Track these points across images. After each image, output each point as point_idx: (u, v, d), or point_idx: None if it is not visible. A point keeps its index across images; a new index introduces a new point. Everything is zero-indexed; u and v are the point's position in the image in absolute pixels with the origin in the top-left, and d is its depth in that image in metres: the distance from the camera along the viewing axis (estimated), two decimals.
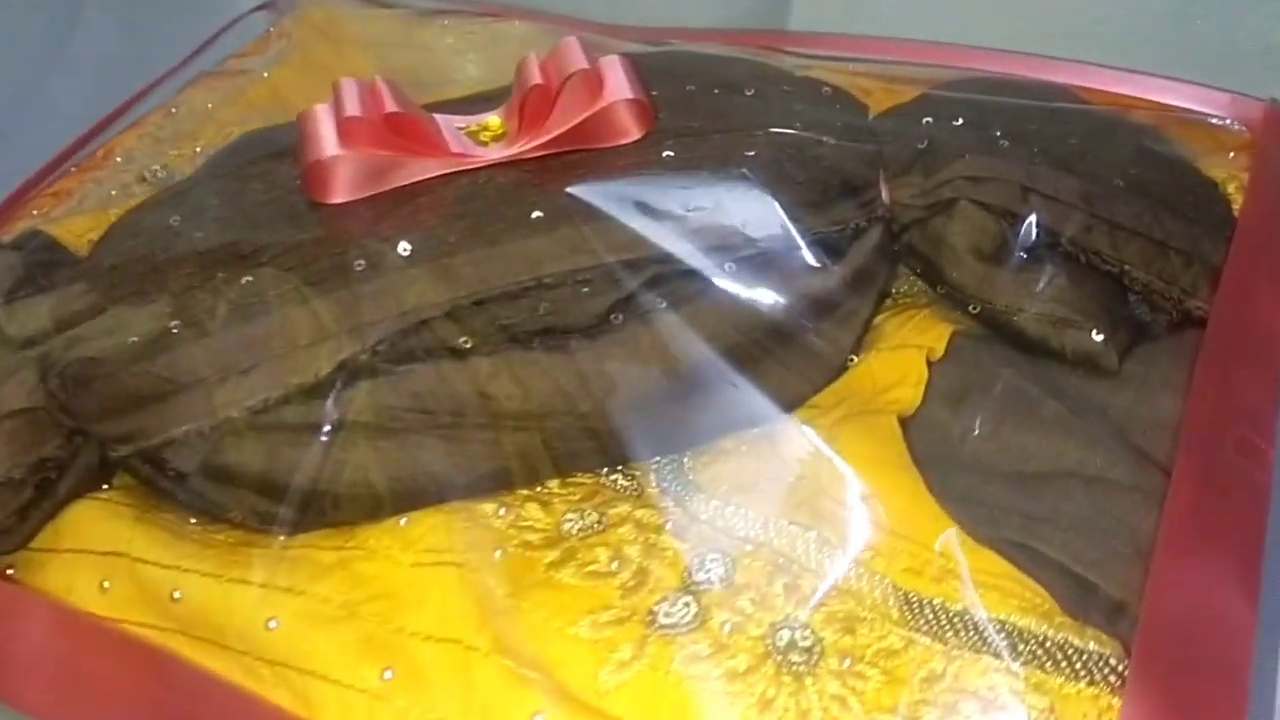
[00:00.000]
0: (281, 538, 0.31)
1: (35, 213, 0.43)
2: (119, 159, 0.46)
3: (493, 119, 0.35)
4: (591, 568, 0.28)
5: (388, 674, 0.27)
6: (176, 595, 0.30)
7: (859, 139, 0.36)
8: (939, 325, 0.35)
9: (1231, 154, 0.41)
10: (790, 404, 0.33)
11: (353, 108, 0.32)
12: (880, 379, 0.33)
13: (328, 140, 0.33)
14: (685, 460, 0.32)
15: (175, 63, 0.53)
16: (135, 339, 0.31)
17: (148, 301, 0.32)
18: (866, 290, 0.34)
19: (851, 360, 0.34)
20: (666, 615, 0.27)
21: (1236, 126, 0.42)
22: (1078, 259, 0.34)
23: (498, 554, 0.29)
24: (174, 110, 0.48)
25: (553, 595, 0.28)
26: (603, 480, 0.32)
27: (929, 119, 0.37)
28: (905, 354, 0.34)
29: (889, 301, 0.37)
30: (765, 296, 0.32)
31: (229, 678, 0.28)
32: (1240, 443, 0.31)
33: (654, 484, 0.32)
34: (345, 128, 0.32)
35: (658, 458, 0.32)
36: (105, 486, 0.34)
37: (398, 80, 0.36)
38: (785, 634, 0.26)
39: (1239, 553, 0.28)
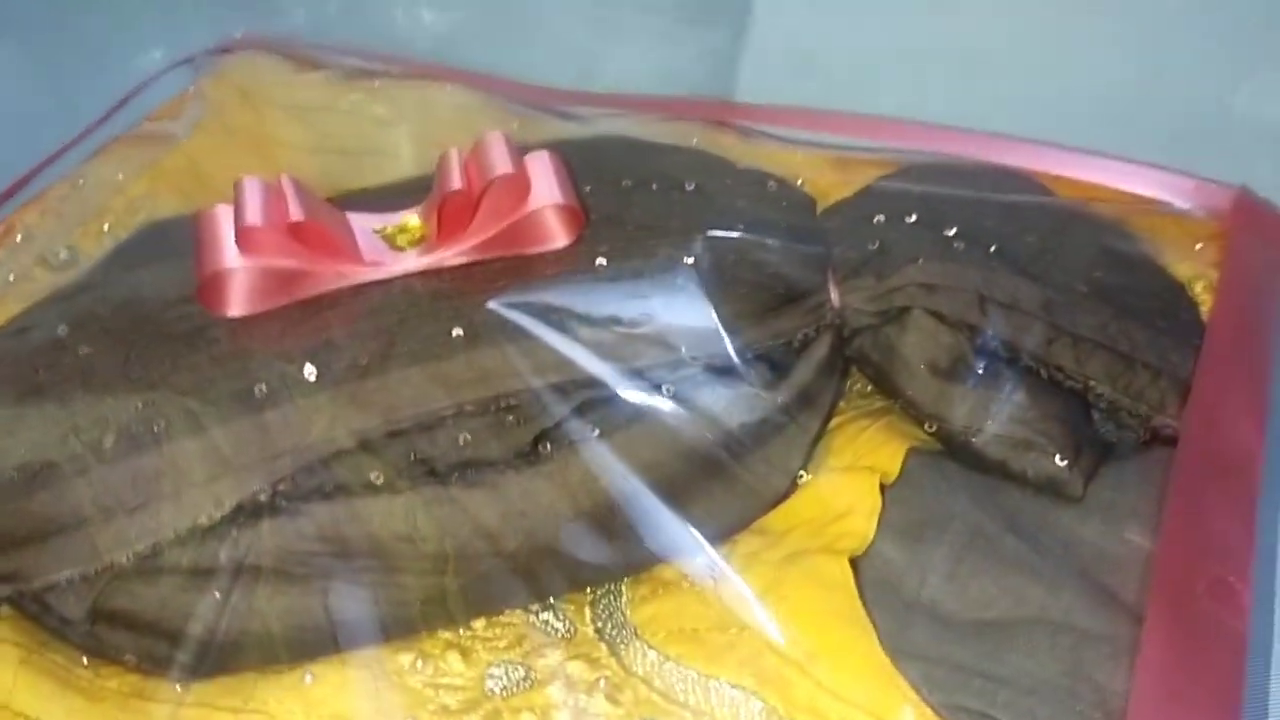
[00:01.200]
0: (178, 689, 0.28)
1: None
2: (19, 237, 0.43)
3: (411, 219, 0.32)
4: None
5: None
6: None
7: (806, 240, 0.34)
8: (893, 440, 0.33)
9: (1199, 245, 0.39)
10: (735, 530, 0.31)
11: (254, 214, 0.30)
12: (831, 505, 0.31)
13: (226, 249, 0.30)
14: (623, 593, 0.30)
15: (86, 123, 0.50)
16: (14, 472, 0.28)
17: (25, 432, 0.29)
18: (815, 406, 0.32)
19: (801, 477, 0.32)
20: None
21: (1202, 214, 0.40)
22: (1038, 374, 0.32)
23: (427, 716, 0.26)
24: (80, 182, 0.45)
25: None
26: (532, 620, 0.29)
27: (880, 217, 0.35)
28: (857, 478, 0.31)
29: (841, 403, 0.34)
30: (706, 421, 0.30)
31: None
32: (1214, 585, 0.29)
33: (588, 622, 0.29)
34: (245, 236, 0.29)
35: (590, 590, 0.30)
36: None
37: (308, 172, 0.33)
38: None
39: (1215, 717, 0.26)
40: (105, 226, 0.43)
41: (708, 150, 0.38)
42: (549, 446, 0.29)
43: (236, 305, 0.30)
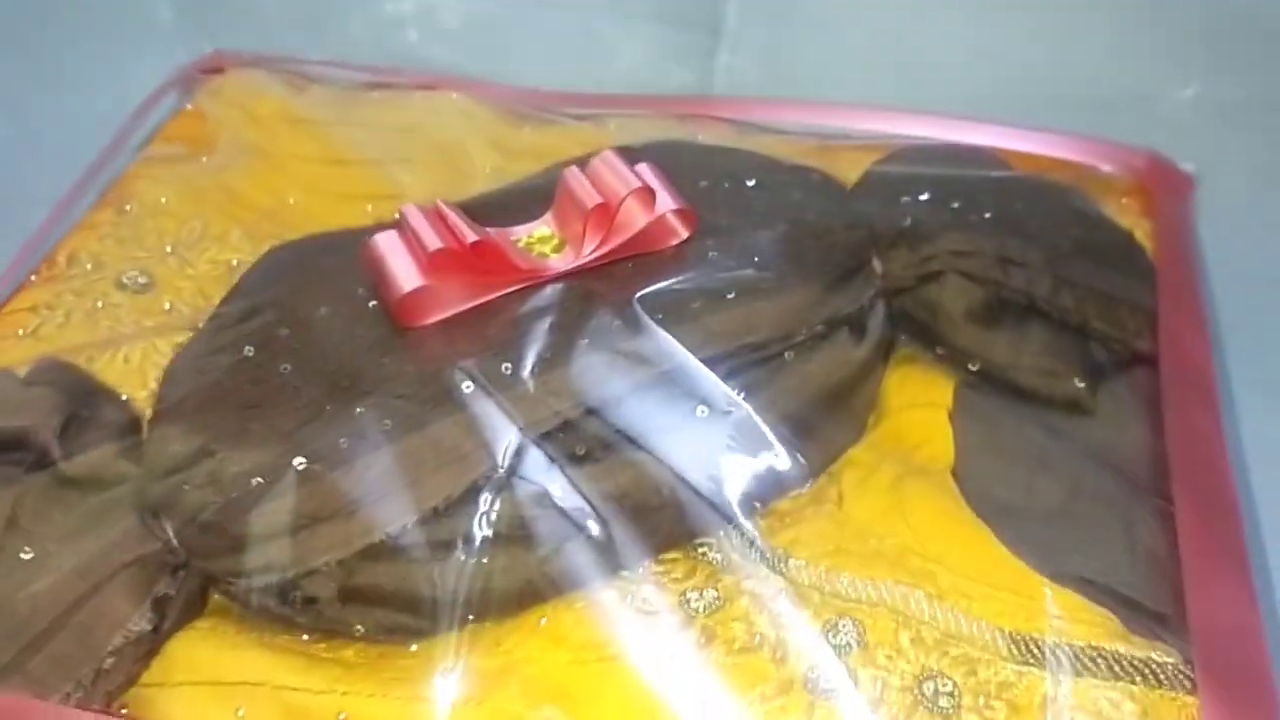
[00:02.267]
0: (413, 648, 0.33)
1: (20, 332, 0.42)
2: (89, 265, 0.45)
3: (543, 230, 0.38)
4: (738, 644, 0.32)
5: None
6: (341, 717, 0.31)
7: (855, 221, 0.41)
8: (938, 381, 0.40)
9: (1123, 200, 0.48)
10: (833, 461, 0.38)
11: (431, 238, 0.34)
12: (907, 436, 0.38)
13: (407, 272, 0.34)
14: (753, 529, 0.36)
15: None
16: (259, 479, 0.32)
17: (259, 442, 0.33)
18: (882, 357, 0.40)
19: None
20: (825, 681, 0.31)
21: (1121, 174, 0.49)
22: (1050, 316, 0.40)
23: (648, 641, 0.32)
24: (128, 208, 0.47)
25: (715, 675, 0.31)
26: (693, 555, 0.35)
27: (905, 198, 0.42)
28: (927, 412, 0.39)
29: None
30: (822, 373, 0.37)
31: None
32: (1207, 464, 0.38)
33: (737, 554, 0.35)
34: (433, 261, 0.34)
35: (723, 530, 0.36)
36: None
37: (334, 182, 0.38)
38: (930, 685, 0.31)
39: (1239, 562, 0.34)
40: (168, 249, 0.46)
41: (744, 149, 0.45)
42: (705, 410, 0.35)
43: (424, 319, 0.35)
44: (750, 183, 0.41)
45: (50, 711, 0.31)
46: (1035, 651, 0.32)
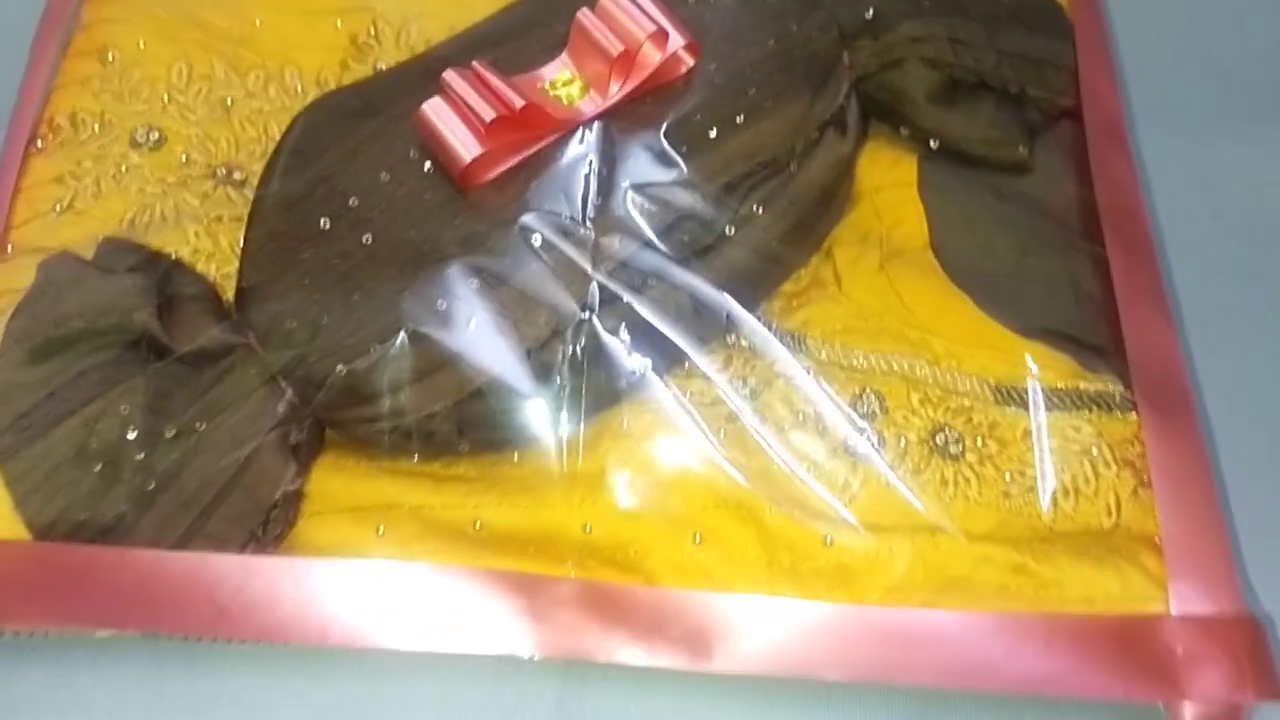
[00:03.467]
0: (534, 461, 0.40)
1: (57, 207, 0.44)
2: (95, 126, 0.46)
3: (564, 74, 0.41)
4: (788, 422, 0.40)
5: (697, 537, 0.38)
6: (477, 526, 0.39)
7: (826, 22, 0.45)
8: (903, 159, 0.47)
9: None
10: (822, 242, 0.44)
11: (481, 106, 0.38)
12: (884, 217, 0.45)
13: (466, 141, 0.38)
14: (768, 315, 0.43)
15: None
16: (375, 345, 0.37)
17: (366, 311, 0.38)
18: (861, 141, 0.46)
19: None
20: (861, 445, 0.39)
21: None
22: (993, 88, 0.46)
23: (721, 433, 0.39)
24: (111, 58, 0.48)
25: (776, 452, 0.39)
26: (729, 346, 0.42)
27: None
28: (897, 191, 0.46)
29: None
30: (820, 174, 0.43)
31: (566, 574, 0.38)
32: (1128, 214, 0.46)
33: (761, 339, 0.42)
34: (489, 130, 0.38)
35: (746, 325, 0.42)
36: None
37: None
38: (940, 435, 0.40)
39: (1158, 293, 0.43)
40: (165, 98, 0.47)
41: None
42: (758, 208, 0.41)
43: (483, 178, 0.39)
44: None
45: (234, 561, 0.37)
46: (1016, 395, 0.40)
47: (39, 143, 0.46)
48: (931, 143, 0.46)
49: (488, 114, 0.38)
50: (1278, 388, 0.45)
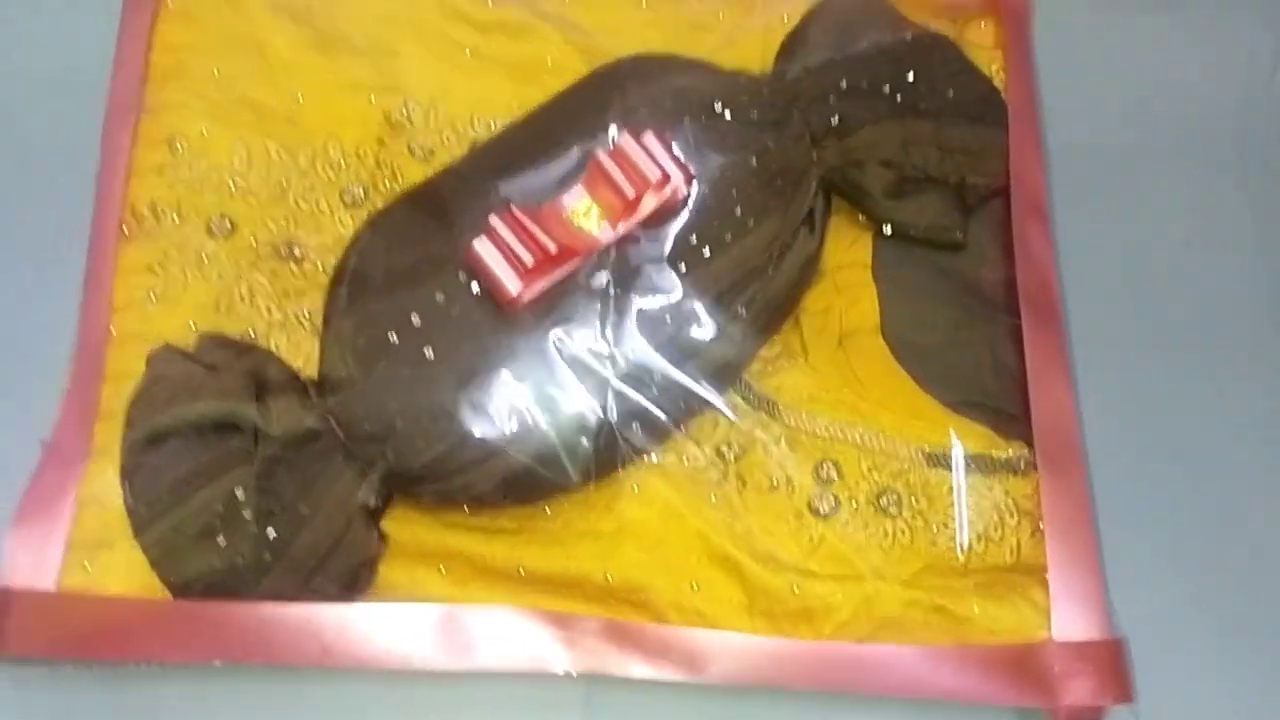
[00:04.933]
0: (547, 510, 0.50)
1: (151, 296, 0.53)
2: (174, 217, 0.54)
3: (583, 202, 0.50)
4: (764, 486, 0.50)
5: (694, 585, 0.49)
6: (521, 571, 0.49)
7: (799, 132, 0.53)
8: (860, 239, 0.56)
9: (981, 24, 0.61)
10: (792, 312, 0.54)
11: (522, 251, 0.47)
12: (843, 293, 0.55)
13: (510, 278, 0.47)
14: (747, 377, 0.53)
15: None
16: (440, 444, 0.47)
17: (431, 414, 0.47)
18: (825, 231, 0.55)
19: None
20: (824, 507, 0.50)
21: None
22: (937, 180, 0.55)
23: (712, 496, 0.50)
24: (178, 147, 0.55)
25: (756, 515, 0.50)
26: (716, 412, 0.52)
27: (832, 96, 0.54)
28: (853, 272, 0.55)
29: None
30: (794, 268, 0.52)
31: (586, 612, 0.49)
32: (1041, 282, 0.55)
33: (743, 403, 0.53)
34: (529, 272, 0.47)
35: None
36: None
37: (326, 73, 0.54)
38: (884, 497, 0.51)
39: (1061, 361, 0.54)
40: (231, 186, 0.55)
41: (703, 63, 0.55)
42: (743, 309, 0.50)
43: (522, 303, 0.48)
44: (717, 107, 0.53)
45: (334, 609, 0.48)
46: (943, 459, 0.51)
47: (125, 229, 0.53)
48: (885, 229, 0.55)
49: (528, 259, 0.47)
50: (1157, 443, 0.55)
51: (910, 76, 0.56)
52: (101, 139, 0.55)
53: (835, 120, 0.54)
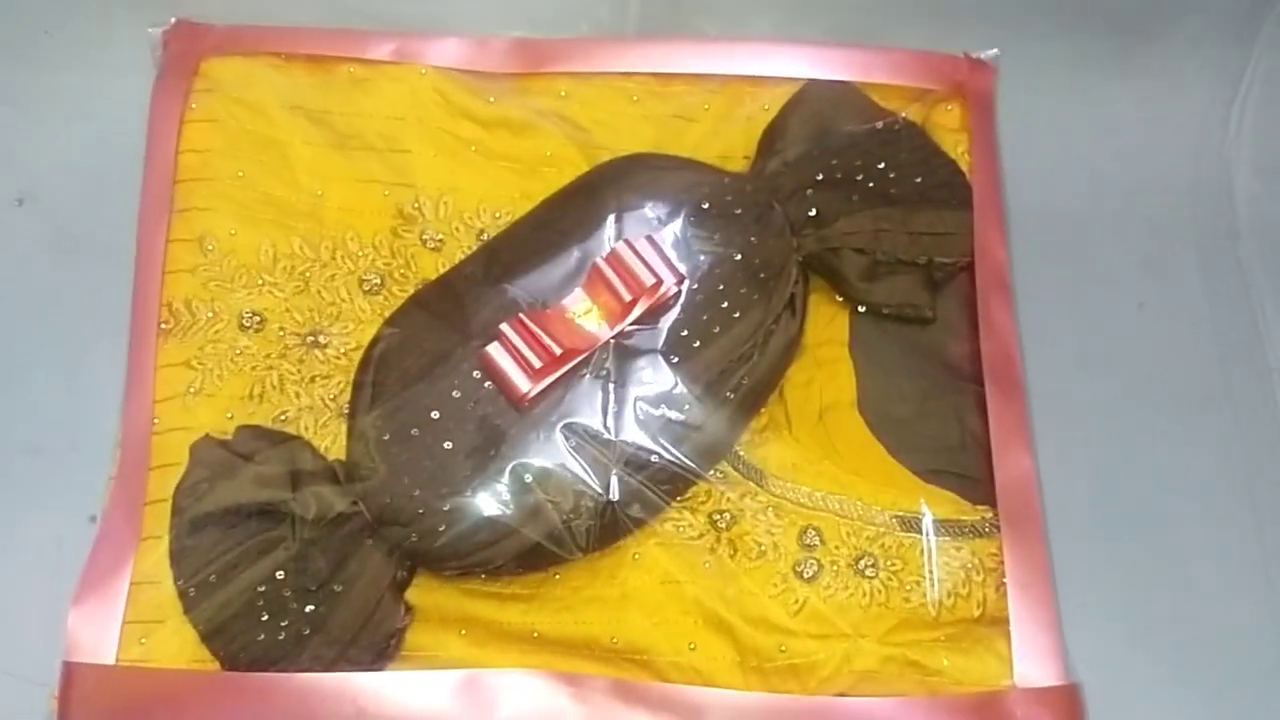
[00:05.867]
0: (571, 582, 0.55)
1: (190, 390, 0.58)
2: (208, 314, 0.59)
3: (583, 303, 0.55)
4: (753, 553, 0.56)
5: (691, 646, 0.54)
6: (535, 634, 0.55)
7: (781, 229, 0.58)
8: (837, 317, 0.61)
9: (948, 107, 0.66)
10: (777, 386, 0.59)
11: (529, 355, 0.52)
12: (823, 368, 0.60)
13: (519, 378, 0.52)
14: (739, 449, 0.58)
15: None
16: (460, 524, 0.52)
17: (448, 498, 0.52)
18: (805, 312, 0.60)
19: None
20: (808, 571, 0.55)
21: (941, 87, 0.66)
22: (906, 262, 0.60)
23: (705, 564, 0.55)
24: (210, 248, 0.60)
25: (745, 579, 0.55)
26: (709, 482, 0.57)
27: (809, 190, 0.59)
28: (832, 349, 0.60)
29: None
30: (778, 351, 0.57)
31: (595, 672, 0.54)
32: (1004, 353, 0.61)
33: (734, 471, 0.58)
34: (535, 374, 0.52)
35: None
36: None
37: (346, 167, 0.60)
38: (862, 561, 0.56)
39: (1022, 428, 0.59)
40: (260, 282, 0.60)
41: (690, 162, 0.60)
42: (730, 394, 0.55)
43: (529, 398, 0.53)
44: (705, 205, 0.58)
45: (369, 676, 0.53)
46: (915, 524, 0.57)
47: (163, 325, 0.58)
48: (860, 308, 0.60)
49: (536, 362, 0.52)
50: (1111, 502, 0.61)
51: (881, 165, 0.61)
52: (137, 239, 0.60)
53: (813, 212, 0.59)
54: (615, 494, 0.53)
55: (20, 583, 0.58)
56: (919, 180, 0.61)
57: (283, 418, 0.57)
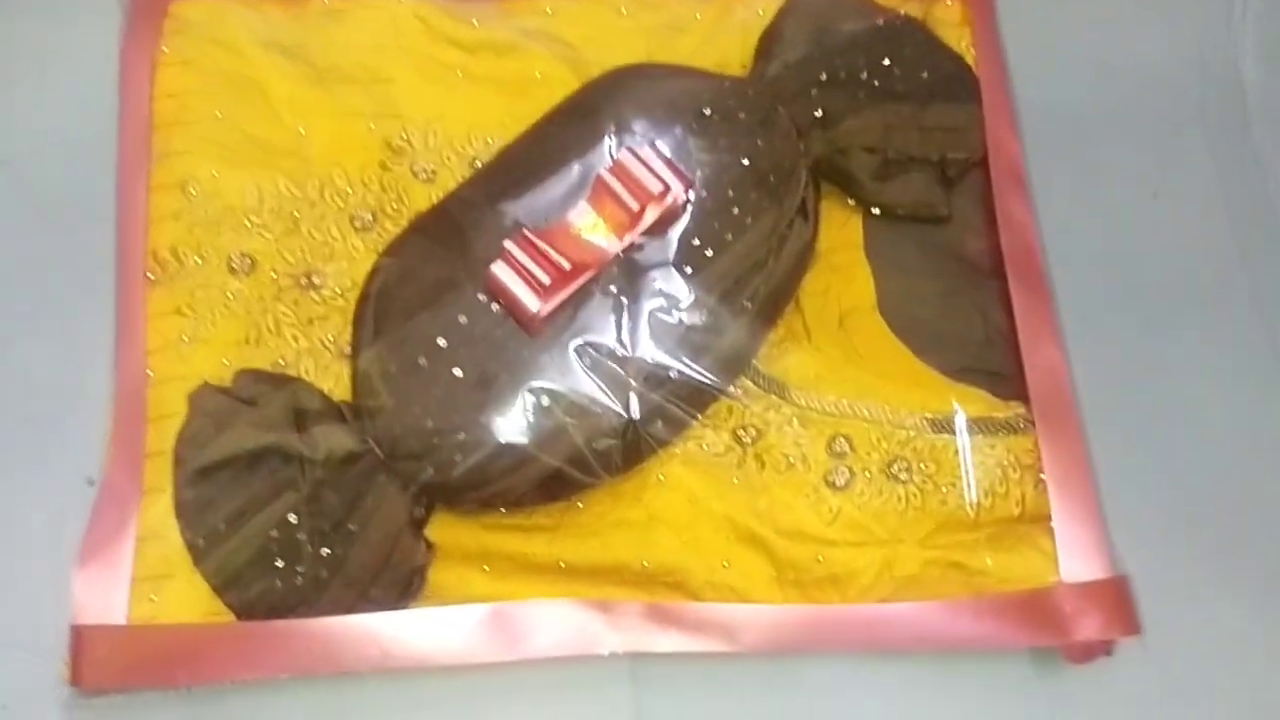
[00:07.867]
0: (595, 508, 0.53)
1: (185, 338, 0.55)
2: (196, 259, 0.57)
3: (589, 216, 0.52)
4: (782, 465, 0.54)
5: (725, 563, 0.52)
6: (562, 564, 0.53)
7: (787, 130, 0.56)
8: (851, 221, 0.59)
9: (948, 2, 0.64)
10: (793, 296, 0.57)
11: (538, 271, 0.49)
12: (839, 274, 0.58)
13: (529, 297, 0.50)
14: (755, 362, 0.56)
15: None
16: (476, 453, 0.50)
17: (465, 428, 0.50)
18: (818, 216, 0.58)
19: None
20: (840, 479, 0.53)
21: None
22: (918, 159, 0.58)
23: (734, 479, 0.53)
24: (192, 192, 0.57)
25: (776, 491, 0.53)
26: (730, 398, 0.55)
27: (814, 90, 0.57)
28: (847, 253, 0.58)
29: None
30: (791, 257, 0.55)
31: (626, 598, 0.52)
32: (1023, 246, 0.59)
33: (754, 387, 0.56)
34: (545, 290, 0.50)
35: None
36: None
37: (326, 102, 0.57)
38: (894, 465, 0.54)
39: (1049, 319, 0.57)
40: (246, 224, 0.57)
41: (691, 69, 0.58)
42: (748, 303, 0.53)
43: (541, 317, 0.51)
44: (707, 112, 0.55)
45: (391, 616, 0.51)
46: (946, 425, 0.55)
47: (149, 274, 0.56)
48: (873, 210, 0.58)
49: (544, 278, 0.49)
50: (1142, 393, 0.59)
51: (886, 62, 0.58)
52: (117, 189, 0.57)
53: (819, 113, 0.57)
54: (635, 412, 0.51)
55: (23, 555, 0.55)
56: (925, 75, 0.59)
57: (281, 362, 0.55)
